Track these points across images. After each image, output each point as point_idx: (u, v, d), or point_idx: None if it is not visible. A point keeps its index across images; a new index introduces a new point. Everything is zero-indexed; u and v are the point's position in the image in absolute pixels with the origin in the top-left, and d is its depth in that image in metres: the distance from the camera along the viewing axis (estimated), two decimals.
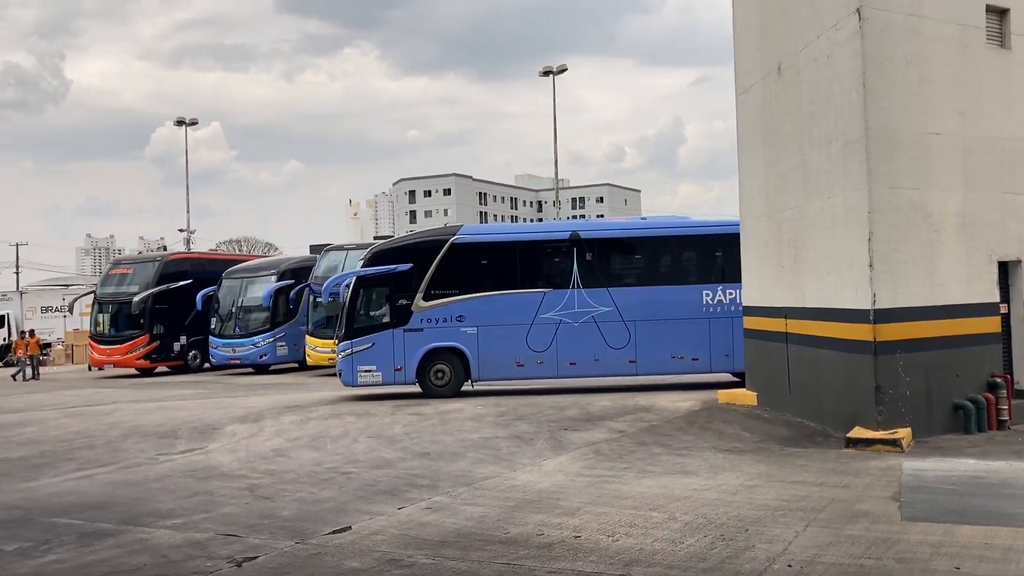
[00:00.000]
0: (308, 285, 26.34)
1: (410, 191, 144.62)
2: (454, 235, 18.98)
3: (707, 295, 18.38)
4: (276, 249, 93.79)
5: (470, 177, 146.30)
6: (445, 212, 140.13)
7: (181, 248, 55.90)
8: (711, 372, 18.56)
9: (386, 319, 18.52)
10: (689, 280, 18.67)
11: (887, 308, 11.18)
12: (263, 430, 14.29)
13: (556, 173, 40.91)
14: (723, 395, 15.64)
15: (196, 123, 52.34)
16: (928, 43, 11.69)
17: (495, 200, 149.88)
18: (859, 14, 11.30)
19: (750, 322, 15.28)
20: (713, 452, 11.13)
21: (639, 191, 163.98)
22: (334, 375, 20.44)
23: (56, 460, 12.03)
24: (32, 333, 31.67)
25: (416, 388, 18.33)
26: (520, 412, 15.23)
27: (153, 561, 6.88)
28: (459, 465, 10.67)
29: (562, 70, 40.65)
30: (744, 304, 15.73)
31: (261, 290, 27.92)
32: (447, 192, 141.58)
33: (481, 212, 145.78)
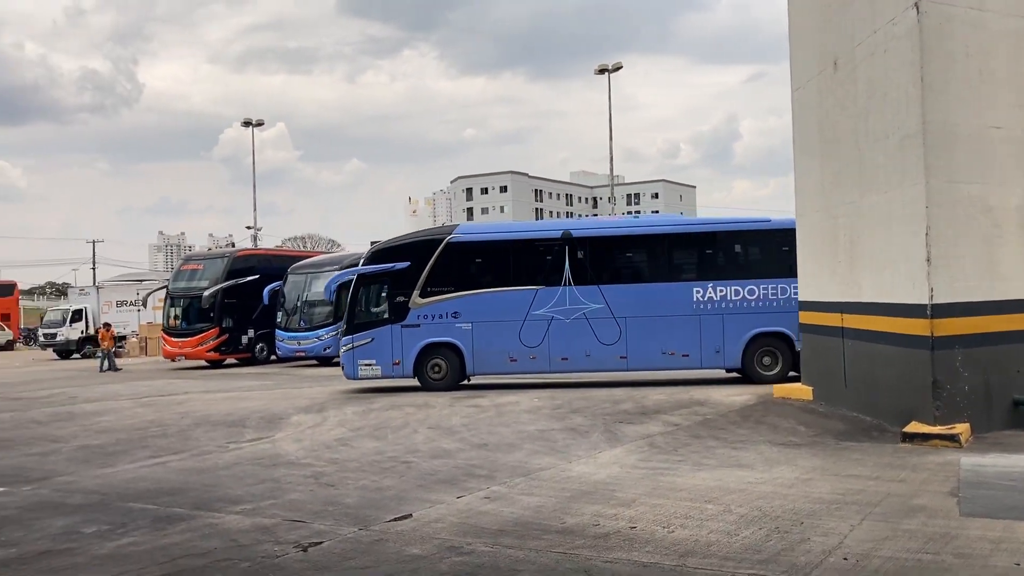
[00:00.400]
0: None
1: (467, 188, 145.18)
2: (450, 234, 19.34)
3: (697, 292, 18.31)
4: (339, 245, 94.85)
5: (526, 174, 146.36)
6: (501, 209, 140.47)
7: (248, 245, 56.92)
8: (702, 368, 18.60)
9: (385, 315, 19.04)
10: (679, 278, 18.65)
11: (945, 303, 10.93)
12: (326, 420, 14.51)
13: (611, 170, 40.75)
14: (778, 389, 15.45)
15: (262, 124, 53.23)
16: (989, 37, 11.39)
17: (550, 197, 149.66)
18: (917, 8, 11.05)
19: (806, 317, 15.06)
20: (768, 446, 11.01)
21: (694, 187, 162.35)
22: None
23: (131, 448, 12.36)
24: (108, 326, 32.51)
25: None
26: (575, 405, 15.23)
27: (223, 545, 7.04)
28: (516, 456, 10.72)
29: (617, 68, 40.46)
30: (800, 299, 15.50)
31: (325, 285, 28.27)
32: (503, 189, 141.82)
33: (537, 209, 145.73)
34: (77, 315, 40.83)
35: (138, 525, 7.79)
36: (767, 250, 18.53)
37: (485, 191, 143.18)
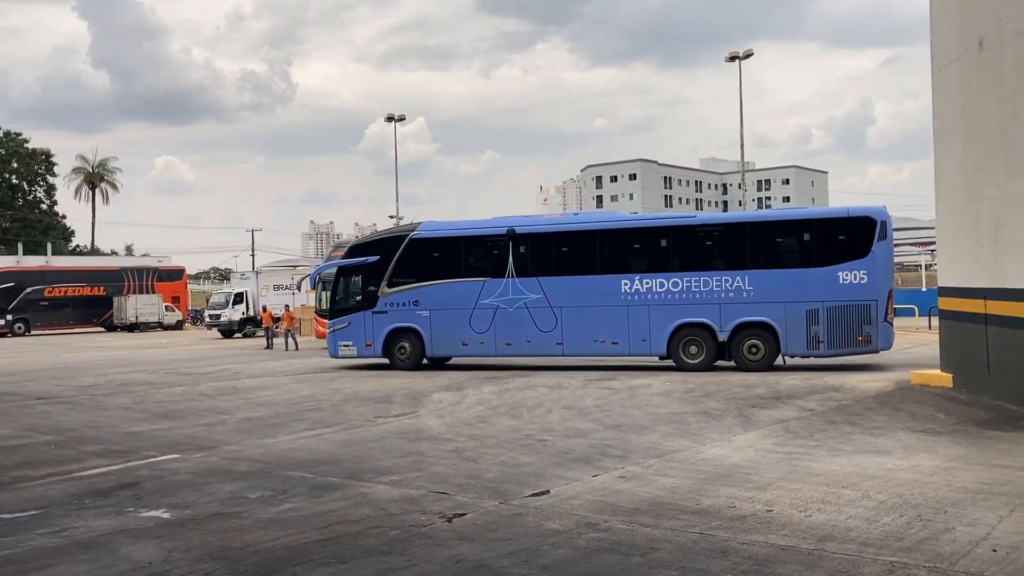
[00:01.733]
0: None
1: (597, 177, 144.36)
2: (413, 231, 20.99)
3: (625, 284, 18.81)
4: None
5: (655, 162, 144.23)
6: (631, 196, 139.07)
7: None
8: (629, 355, 19.22)
9: (359, 303, 20.99)
10: (608, 271, 19.17)
11: None
12: (465, 398, 14.74)
13: (742, 156, 39.69)
14: (916, 376, 14.72)
15: (404, 119, 54.42)
16: None
17: (680, 184, 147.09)
18: None
19: (946, 303, 14.26)
20: (907, 433, 10.50)
21: (826, 173, 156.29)
22: None
23: (289, 420, 12.89)
24: (265, 308, 33.96)
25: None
26: (708, 389, 14.94)
27: (374, 513, 7.24)
28: (649, 438, 10.60)
29: (748, 55, 39.30)
30: (940, 285, 14.70)
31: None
32: (632, 177, 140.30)
33: (666, 196, 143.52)
34: (239, 298, 42.79)
35: (297, 492, 8.10)
36: (690, 245, 19.07)
37: (615, 179, 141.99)
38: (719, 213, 25.04)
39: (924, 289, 47.00)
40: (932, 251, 52.81)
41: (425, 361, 20.66)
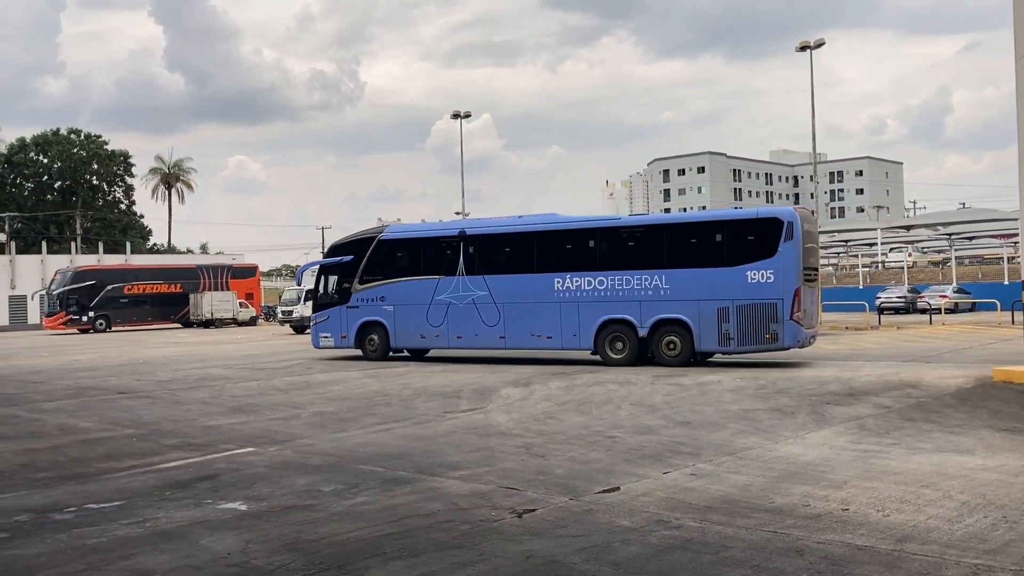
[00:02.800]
0: None
1: (664, 170, 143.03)
2: (381, 233, 22.98)
3: (557, 282, 20.02)
4: None
5: (724, 154, 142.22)
6: (699, 190, 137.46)
7: None
8: (562, 349, 20.48)
9: (336, 298, 23.07)
10: (543, 269, 20.38)
11: None
12: (533, 394, 14.76)
13: (814, 148, 38.80)
14: (999, 372, 14.25)
15: (469, 116, 54.71)
16: None
17: (749, 176, 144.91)
18: None
19: None
20: (989, 431, 10.18)
21: (901, 163, 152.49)
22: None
23: (360, 415, 13.08)
24: None
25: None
26: (780, 386, 14.70)
27: (445, 507, 7.31)
28: (720, 435, 10.48)
29: (819, 44, 38.42)
30: None
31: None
32: (701, 170, 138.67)
33: (735, 189, 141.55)
34: (310, 295, 43.60)
35: (368, 486, 8.23)
36: (614, 245, 20.06)
37: (682, 172, 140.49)
38: (642, 215, 29.48)
39: (1007, 283, 45.49)
40: (1015, 243, 51.04)
41: (391, 353, 22.70)
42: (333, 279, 23.33)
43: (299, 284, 28.65)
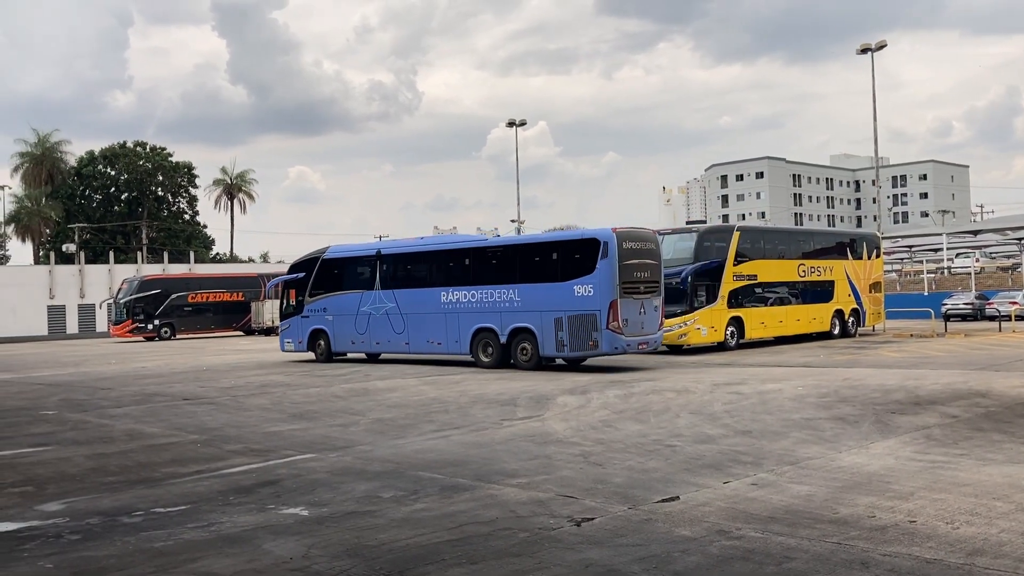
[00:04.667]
0: None
1: (722, 176, 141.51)
2: (324, 253, 26.77)
3: (444, 295, 23.10)
4: None
5: (783, 159, 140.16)
6: (758, 195, 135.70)
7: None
8: (449, 354, 23.48)
9: (294, 309, 27.09)
10: (434, 284, 23.67)
11: None
12: (590, 402, 14.71)
13: (876, 152, 38.09)
14: None
15: (525, 124, 54.97)
16: None
17: (809, 181, 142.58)
18: None
19: None
20: None
21: (967, 167, 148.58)
22: (652, 353, 21.54)
23: (418, 422, 13.18)
24: None
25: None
26: (843, 394, 14.42)
27: (503, 515, 7.32)
28: (782, 444, 10.31)
29: (881, 46, 37.76)
30: None
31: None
32: (759, 175, 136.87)
33: (795, 194, 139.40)
34: None
35: (427, 492, 8.28)
36: (482, 263, 22.97)
37: (740, 178, 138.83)
38: (504, 236, 34.78)
39: None
40: None
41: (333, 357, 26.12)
42: (291, 293, 27.30)
43: (269, 297, 31.17)
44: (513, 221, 60.59)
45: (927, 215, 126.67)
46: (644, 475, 8.78)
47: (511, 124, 54.20)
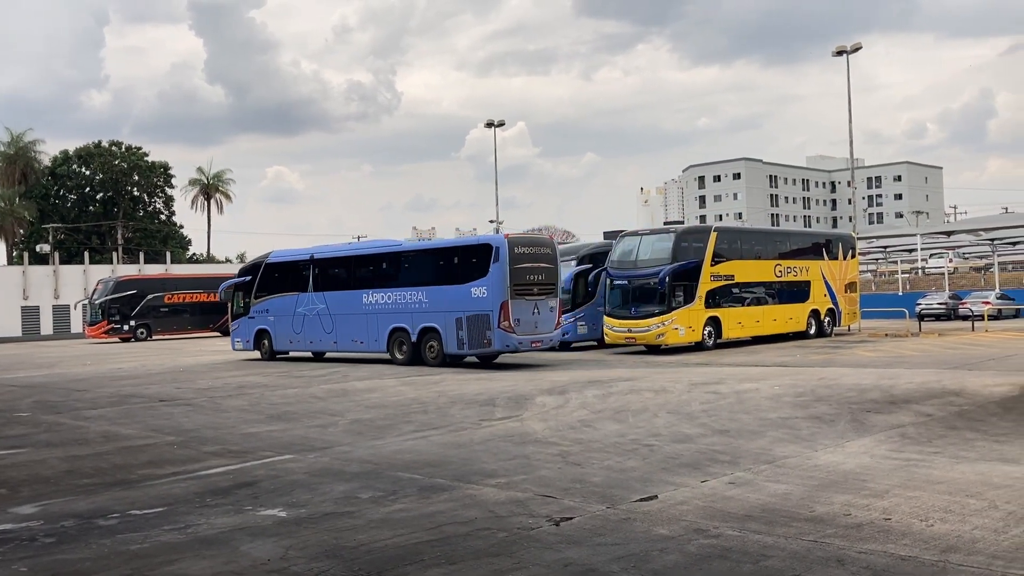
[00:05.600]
0: (605, 269, 26.73)
1: (699, 177, 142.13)
2: (267, 259, 28.36)
3: (365, 297, 24.62)
4: (573, 236, 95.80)
5: (760, 160, 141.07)
6: (735, 196, 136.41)
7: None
8: (369, 352, 25.10)
9: (242, 310, 28.46)
10: (356, 287, 25.08)
11: None
12: (568, 402, 14.72)
13: (851, 153, 38.37)
14: None
15: (504, 124, 54.89)
16: None
17: (786, 182, 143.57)
18: None
19: None
20: None
21: (940, 168, 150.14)
22: (630, 353, 21.68)
23: (397, 422, 13.14)
24: None
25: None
26: (819, 393, 14.54)
27: (482, 515, 7.32)
28: (759, 443, 10.38)
29: (857, 49, 38.04)
30: None
31: (563, 274, 28.76)
32: (736, 176, 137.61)
33: (771, 195, 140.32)
34: None
35: (406, 493, 8.26)
36: (396, 267, 24.81)
37: (718, 179, 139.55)
38: (414, 241, 37.28)
39: None
40: None
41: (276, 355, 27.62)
42: (240, 295, 28.66)
43: (221, 300, 31.96)
44: (492, 221, 60.50)
45: (902, 216, 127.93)
46: (622, 474, 8.81)
47: (490, 125, 54.14)
